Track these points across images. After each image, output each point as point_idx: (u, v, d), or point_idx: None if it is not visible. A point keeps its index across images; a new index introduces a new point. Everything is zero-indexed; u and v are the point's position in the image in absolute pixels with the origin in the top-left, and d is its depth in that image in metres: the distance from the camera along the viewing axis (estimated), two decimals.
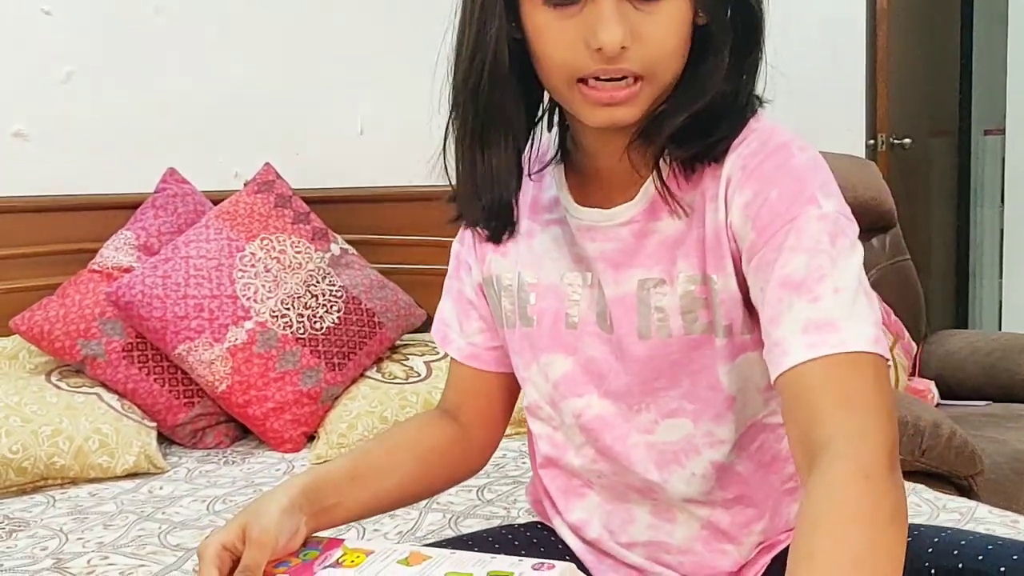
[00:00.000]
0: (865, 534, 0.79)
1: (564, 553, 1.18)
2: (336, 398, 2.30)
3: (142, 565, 1.59)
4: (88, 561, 1.60)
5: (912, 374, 2.77)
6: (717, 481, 1.07)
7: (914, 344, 2.81)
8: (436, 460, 1.18)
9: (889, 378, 0.89)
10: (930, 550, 1.02)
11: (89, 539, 1.71)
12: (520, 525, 1.27)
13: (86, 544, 1.68)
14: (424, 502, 1.80)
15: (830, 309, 0.88)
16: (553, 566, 0.95)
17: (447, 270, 1.23)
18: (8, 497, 1.95)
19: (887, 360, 0.89)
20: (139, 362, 2.23)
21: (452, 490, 1.86)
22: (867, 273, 0.93)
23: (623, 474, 1.10)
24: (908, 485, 1.83)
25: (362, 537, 1.69)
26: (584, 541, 1.16)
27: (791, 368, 0.88)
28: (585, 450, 1.12)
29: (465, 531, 1.70)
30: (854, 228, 0.95)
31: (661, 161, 0.99)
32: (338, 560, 1.01)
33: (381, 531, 1.71)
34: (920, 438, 1.98)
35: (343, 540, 1.05)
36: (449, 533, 1.70)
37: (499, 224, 1.11)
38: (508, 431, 1.26)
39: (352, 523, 1.14)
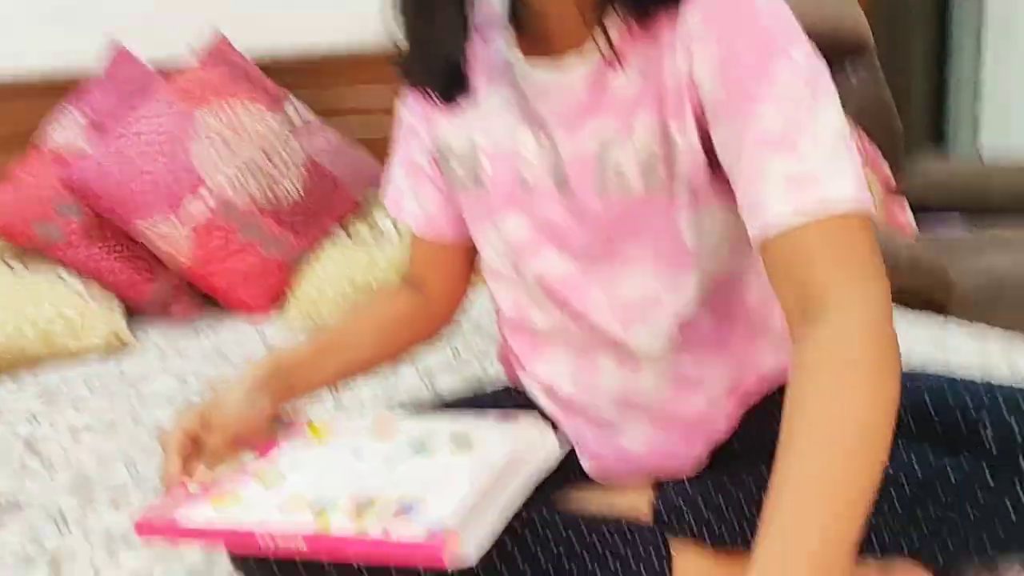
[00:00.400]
0: (867, 380, 0.76)
1: (531, 407, 1.16)
2: (303, 263, 2.26)
3: (116, 445, 1.57)
4: (61, 445, 1.59)
5: (891, 195, 2.73)
6: (682, 333, 1.04)
7: (889, 173, 2.76)
8: (400, 329, 1.18)
9: (873, 230, 0.85)
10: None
11: (59, 423, 1.69)
12: (493, 390, 1.25)
13: (58, 428, 1.66)
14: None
15: (812, 162, 0.83)
16: (518, 421, 0.93)
17: None
18: None
19: (871, 210, 0.85)
20: (99, 241, 2.17)
21: (426, 348, 1.86)
22: (841, 99, 0.87)
23: (588, 330, 1.07)
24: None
25: (337, 402, 1.68)
26: (553, 399, 1.15)
27: (780, 234, 0.83)
28: (549, 309, 1.09)
29: (441, 388, 1.69)
30: (825, 70, 0.89)
31: (610, 10, 0.92)
32: (304, 435, 0.99)
33: (356, 392, 1.70)
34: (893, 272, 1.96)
35: (307, 415, 1.03)
36: (425, 394, 1.68)
37: (449, 84, 1.05)
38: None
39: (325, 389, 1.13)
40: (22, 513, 1.37)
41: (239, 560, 1.05)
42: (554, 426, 1.13)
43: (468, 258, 1.18)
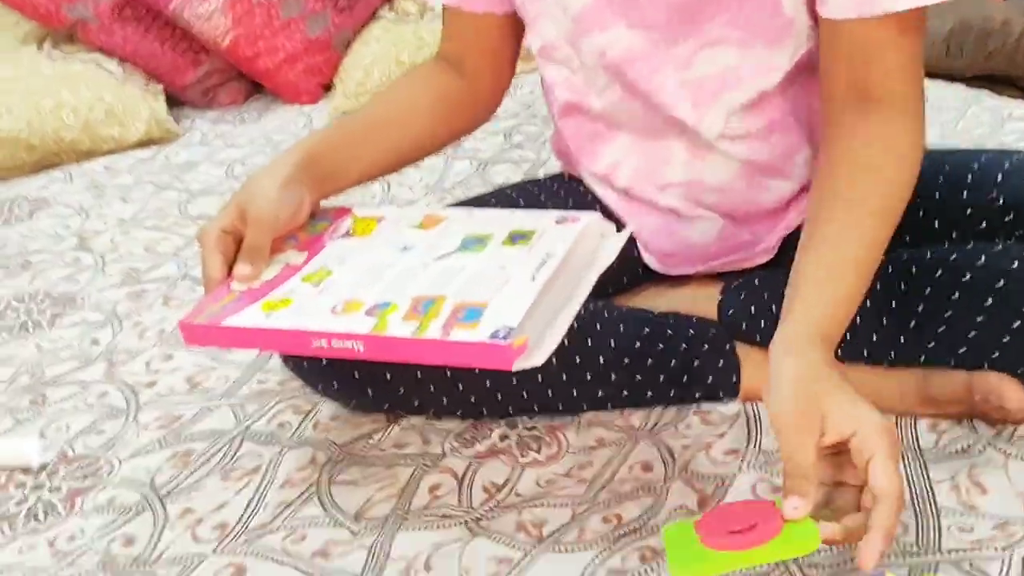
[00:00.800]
0: (910, 171, 0.84)
1: (593, 205, 1.09)
2: (348, 44, 2.15)
3: (165, 238, 1.55)
4: (111, 239, 1.57)
5: None
6: (758, 117, 0.95)
7: None
8: (442, 112, 1.06)
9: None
10: (999, 178, 0.93)
11: (109, 215, 1.66)
12: (548, 178, 1.18)
13: (107, 221, 1.64)
14: (449, 150, 1.71)
15: None
16: (578, 219, 0.86)
17: None
18: (24, 176, 1.89)
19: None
20: (134, 21, 2.07)
21: (478, 135, 1.78)
22: None
23: (654, 113, 0.98)
24: (971, 92, 1.69)
25: (388, 192, 1.62)
26: (615, 189, 1.08)
27: (852, 19, 0.83)
28: (610, 91, 1.00)
29: (494, 179, 1.63)
30: None
31: None
32: (348, 230, 0.93)
33: (406, 183, 1.64)
34: (986, 39, 1.81)
35: (351, 209, 0.97)
36: (476, 182, 1.62)
37: None
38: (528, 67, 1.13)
39: (374, 180, 1.06)
40: (76, 309, 1.36)
41: (292, 362, 1.03)
42: (616, 220, 1.07)
43: (513, 33, 1.06)
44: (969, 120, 1.59)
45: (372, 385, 0.99)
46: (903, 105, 0.84)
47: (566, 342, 0.97)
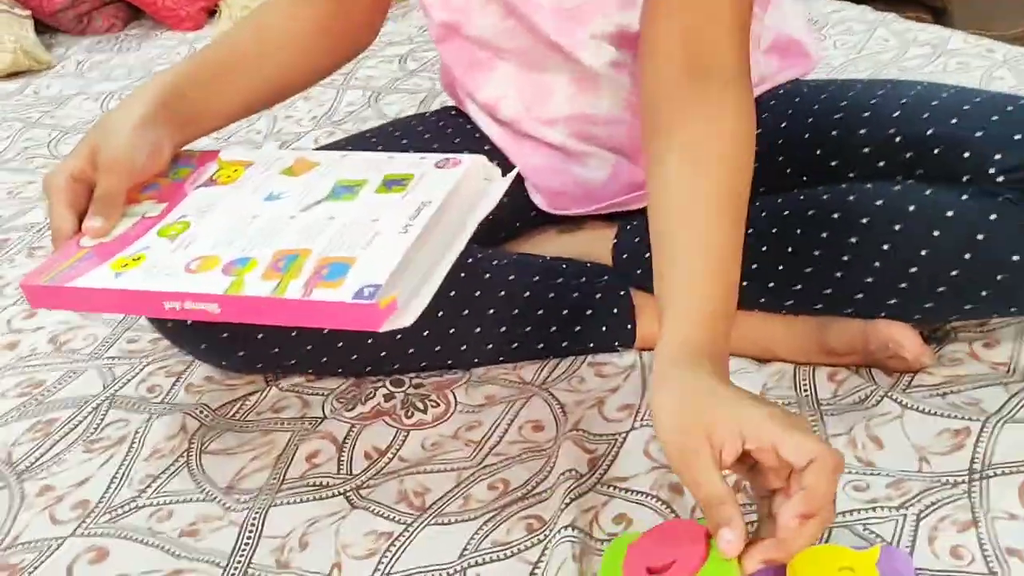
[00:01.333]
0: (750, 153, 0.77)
1: (481, 142, 1.03)
2: None
3: (31, 181, 1.44)
4: None
5: None
6: (628, 45, 0.90)
7: None
8: (315, 41, 0.96)
9: None
10: (896, 114, 0.87)
11: None
12: (434, 113, 1.11)
13: None
14: (339, 79, 1.62)
15: None
16: (459, 162, 0.79)
17: None
18: None
19: None
20: None
21: (370, 63, 1.69)
22: None
23: (534, 37, 0.93)
24: (877, 15, 1.65)
25: (274, 127, 1.53)
26: (500, 123, 1.01)
27: None
28: (490, 10, 0.93)
29: (386, 110, 1.55)
30: None
31: None
32: (212, 176, 0.85)
33: (294, 116, 1.55)
34: None
35: (218, 153, 0.89)
36: (369, 114, 1.54)
37: None
38: None
39: (258, 113, 0.97)
40: None
41: (158, 322, 0.95)
42: (503, 159, 1.01)
43: None
44: (875, 43, 1.56)
45: (243, 344, 0.92)
46: (737, 79, 0.77)
47: (452, 293, 0.92)
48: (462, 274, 0.93)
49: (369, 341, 0.92)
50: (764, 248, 0.88)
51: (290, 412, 0.93)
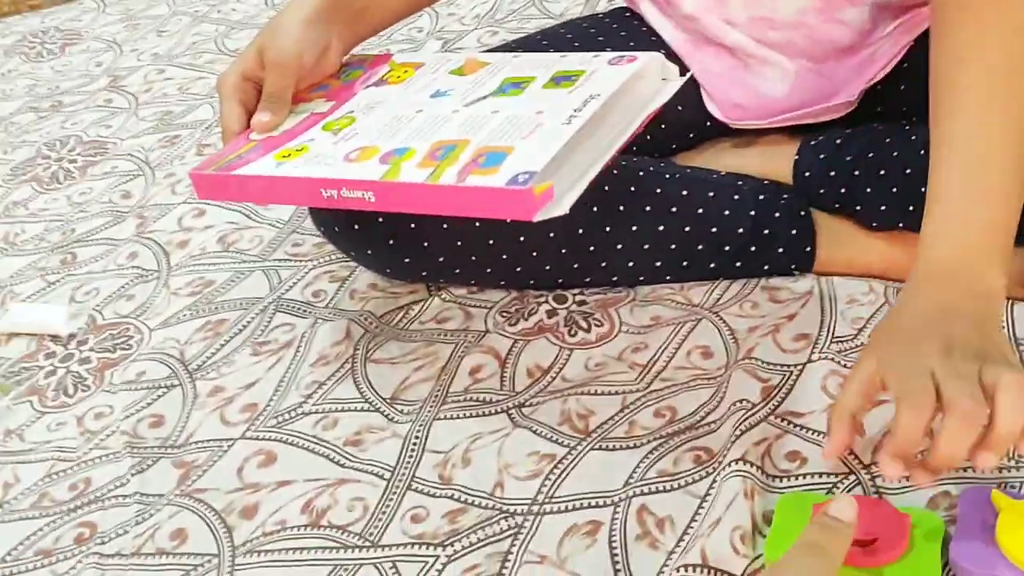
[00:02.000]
0: None
1: (657, 47, 0.97)
2: None
3: (200, 77, 1.45)
4: (145, 77, 1.48)
5: None
6: None
7: None
8: None
9: None
10: None
11: (143, 49, 1.57)
12: (604, 15, 1.05)
13: (141, 56, 1.55)
14: None
15: None
16: (635, 58, 0.75)
17: None
18: (56, 6, 1.79)
19: None
20: None
21: None
22: None
23: None
24: None
25: (436, 24, 1.50)
26: (678, 22, 0.95)
27: None
28: None
29: (552, 8, 1.49)
30: None
31: None
32: (383, 77, 0.84)
33: (457, 14, 1.51)
34: None
35: (391, 55, 0.87)
36: (533, 12, 1.48)
37: None
38: None
39: (423, 9, 0.94)
40: (108, 157, 1.29)
41: (324, 226, 0.95)
42: (680, 65, 0.95)
43: None
44: None
45: (408, 252, 0.91)
46: None
47: (621, 207, 0.88)
48: (632, 187, 0.89)
49: (534, 254, 0.90)
50: None
51: (453, 324, 0.92)
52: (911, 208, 0.85)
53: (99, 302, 1.03)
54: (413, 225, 0.88)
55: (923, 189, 0.83)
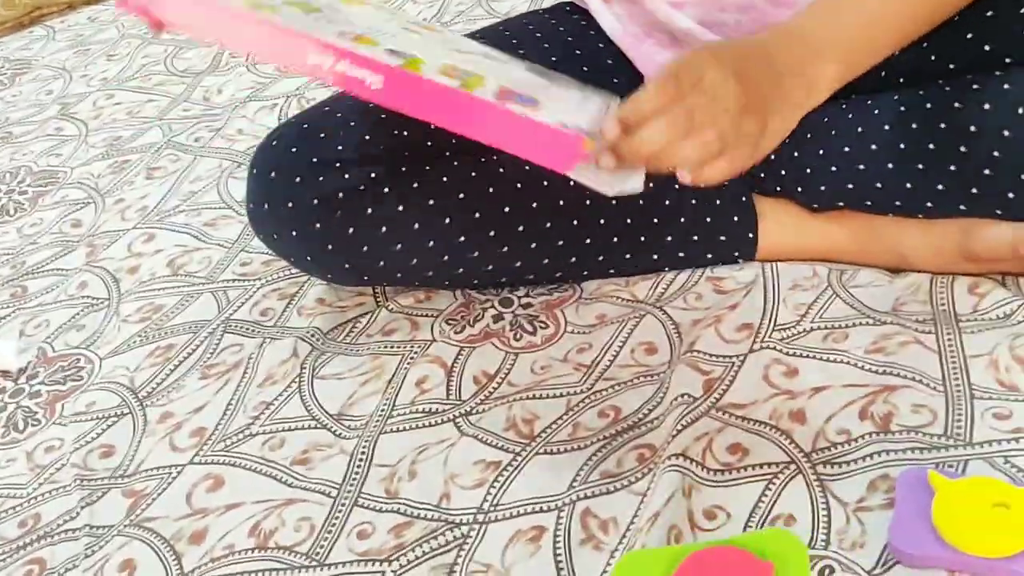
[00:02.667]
0: None
1: (599, 46, 0.96)
2: None
3: (150, 100, 1.45)
4: (94, 103, 1.47)
5: None
6: None
7: None
8: None
9: None
10: None
11: (93, 75, 1.56)
12: (545, 11, 1.04)
13: (91, 82, 1.54)
14: None
15: None
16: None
17: None
18: (5, 35, 1.78)
19: None
20: None
21: None
22: None
23: None
24: None
25: None
26: (621, 13, 0.94)
27: None
28: None
29: (499, 8, 1.49)
30: None
31: None
32: None
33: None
34: None
35: None
36: (480, 14, 1.48)
37: None
38: None
39: None
40: (58, 186, 1.28)
41: (264, 232, 0.91)
42: (624, 61, 0.95)
43: None
44: None
45: (348, 258, 0.90)
46: None
47: (560, 202, 0.88)
48: (570, 182, 0.89)
49: (476, 253, 0.89)
50: (902, 145, 0.80)
51: (399, 335, 0.92)
52: (850, 187, 0.85)
53: (49, 334, 1.03)
54: (351, 231, 0.87)
55: (861, 167, 0.84)
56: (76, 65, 1.60)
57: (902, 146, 0.81)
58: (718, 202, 0.90)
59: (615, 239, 0.90)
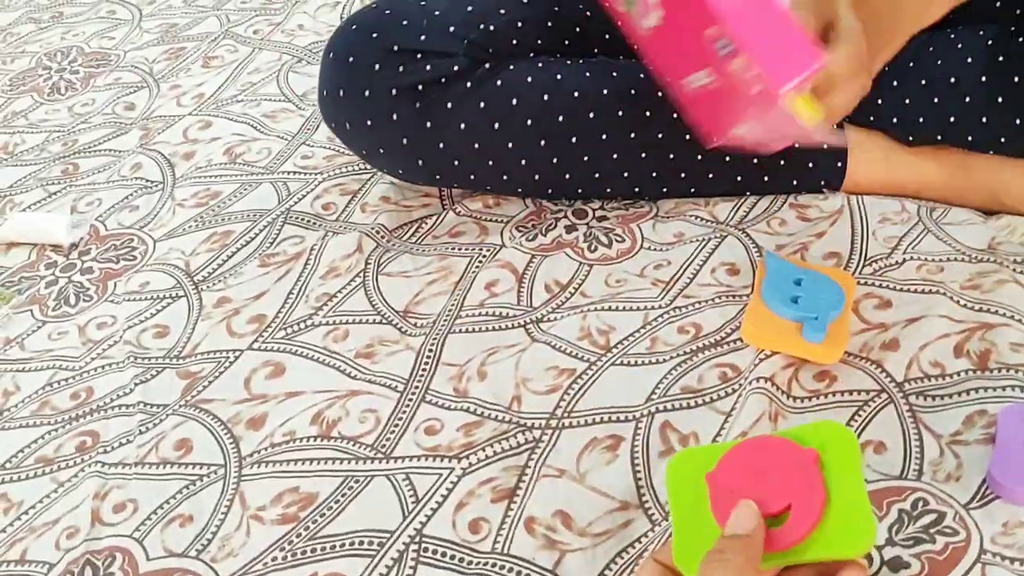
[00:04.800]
0: None
1: None
2: None
3: None
4: None
5: None
6: None
7: None
8: None
9: None
10: None
11: None
12: None
13: None
14: None
15: None
16: None
17: None
18: None
19: None
20: None
21: None
22: None
23: None
24: None
25: None
26: None
27: None
28: None
29: None
30: None
31: None
32: None
33: None
34: None
35: None
36: None
37: None
38: None
39: None
40: (110, 69, 1.25)
41: (335, 121, 0.88)
42: None
43: None
44: None
45: (422, 154, 0.87)
46: None
47: (647, 113, 0.85)
48: (659, 92, 0.85)
49: (554, 160, 0.86)
50: (1016, 79, 0.77)
51: (467, 238, 0.89)
52: (952, 120, 0.82)
53: (102, 212, 1.00)
54: (429, 124, 0.84)
55: (967, 99, 0.81)
56: None
57: (1016, 79, 0.78)
58: None
59: (699, 156, 0.87)
